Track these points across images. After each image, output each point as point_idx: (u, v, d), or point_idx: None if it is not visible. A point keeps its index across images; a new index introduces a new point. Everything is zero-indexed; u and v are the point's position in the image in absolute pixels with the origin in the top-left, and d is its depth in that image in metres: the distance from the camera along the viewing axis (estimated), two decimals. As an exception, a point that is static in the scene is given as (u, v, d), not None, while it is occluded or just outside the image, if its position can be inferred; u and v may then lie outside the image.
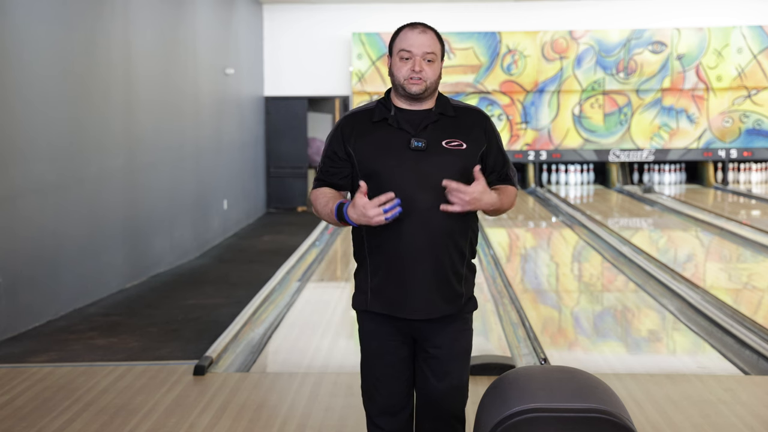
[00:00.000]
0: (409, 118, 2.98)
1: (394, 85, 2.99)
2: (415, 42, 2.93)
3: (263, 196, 14.69)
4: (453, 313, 3.00)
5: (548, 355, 5.54)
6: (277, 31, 15.15)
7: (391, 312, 2.98)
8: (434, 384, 3.02)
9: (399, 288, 2.96)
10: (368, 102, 3.12)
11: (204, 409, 4.56)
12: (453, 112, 3.01)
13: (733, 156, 15.54)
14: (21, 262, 6.43)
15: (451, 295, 2.98)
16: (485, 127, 3.03)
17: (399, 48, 2.95)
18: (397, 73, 2.95)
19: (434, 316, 2.97)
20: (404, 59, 2.94)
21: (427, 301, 2.95)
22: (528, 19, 15.49)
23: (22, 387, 4.94)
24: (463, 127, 2.99)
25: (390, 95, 3.04)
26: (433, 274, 2.94)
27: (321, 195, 3.01)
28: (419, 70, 2.92)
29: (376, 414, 3.08)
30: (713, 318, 6.33)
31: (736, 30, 15.26)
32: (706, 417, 4.36)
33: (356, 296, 3.08)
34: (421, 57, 2.93)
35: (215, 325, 6.47)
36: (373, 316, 3.03)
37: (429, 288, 2.95)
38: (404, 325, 3.01)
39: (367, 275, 3.02)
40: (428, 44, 2.94)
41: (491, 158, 3.03)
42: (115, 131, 8.05)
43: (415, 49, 2.93)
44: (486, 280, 8.01)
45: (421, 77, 2.93)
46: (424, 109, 3.00)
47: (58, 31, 6.97)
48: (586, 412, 2.44)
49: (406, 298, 2.96)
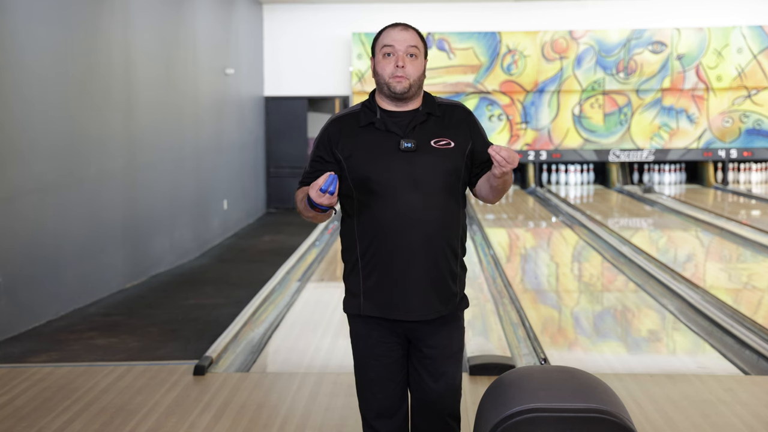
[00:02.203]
0: (396, 120, 2.97)
1: (378, 84, 2.99)
2: (398, 37, 2.95)
3: (263, 196, 14.69)
4: (448, 314, 3.00)
5: (548, 355, 5.54)
6: (277, 31, 15.15)
7: (386, 314, 2.97)
8: (430, 385, 3.02)
9: (394, 290, 2.95)
10: (353, 105, 3.10)
11: (204, 409, 4.57)
12: (439, 111, 3.02)
13: (733, 156, 15.54)
14: (21, 262, 6.43)
15: (447, 295, 2.98)
16: (469, 123, 3.04)
17: (381, 44, 2.96)
18: (381, 71, 2.95)
19: (430, 317, 2.97)
20: (387, 55, 2.94)
21: (424, 301, 2.95)
22: (528, 19, 15.50)
23: (22, 387, 4.94)
24: (449, 126, 3.00)
25: (374, 97, 3.03)
26: (429, 275, 2.94)
27: (301, 192, 3.00)
28: (402, 65, 2.92)
29: (372, 417, 3.07)
30: (713, 318, 6.33)
31: (736, 30, 15.26)
32: (706, 417, 4.36)
33: (347, 300, 3.06)
34: (404, 52, 2.93)
35: (215, 325, 6.47)
36: (366, 319, 3.02)
37: (425, 289, 2.94)
38: (398, 327, 3.00)
39: (359, 278, 3.00)
40: (410, 39, 2.95)
41: (479, 152, 3.03)
42: (115, 131, 8.05)
43: (397, 44, 2.94)
44: (486, 280, 8.01)
45: (404, 74, 2.92)
46: (410, 110, 3.00)
47: (58, 31, 6.97)
48: (586, 412, 2.44)
49: (402, 300, 2.95)
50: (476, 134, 3.03)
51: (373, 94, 3.05)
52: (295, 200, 3.07)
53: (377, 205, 2.93)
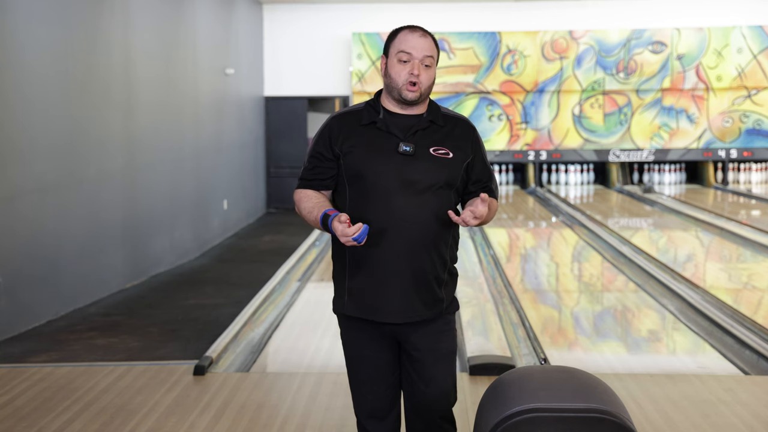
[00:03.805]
0: (399, 122, 2.97)
1: (388, 87, 2.97)
2: (417, 45, 2.92)
3: (263, 196, 14.69)
4: (434, 316, 2.99)
5: (548, 355, 5.54)
6: (277, 31, 15.15)
7: (368, 315, 2.96)
8: (422, 389, 3.01)
9: (377, 291, 2.94)
10: (356, 104, 3.10)
11: (204, 409, 4.57)
12: (443, 121, 3.01)
13: (733, 156, 15.54)
14: (21, 262, 6.43)
15: (431, 300, 2.97)
16: (472, 139, 3.03)
17: (398, 49, 2.93)
18: (396, 76, 2.93)
19: (413, 320, 2.95)
20: (403, 62, 2.92)
21: (406, 304, 2.93)
22: (528, 19, 15.50)
23: (22, 387, 4.94)
24: (451, 137, 2.99)
25: (380, 97, 3.02)
26: (413, 279, 2.93)
27: (306, 198, 2.99)
28: (417, 73, 2.91)
29: (365, 417, 3.08)
30: (713, 318, 6.33)
31: (736, 30, 15.26)
32: (706, 417, 4.36)
33: (335, 299, 3.06)
34: (420, 60, 2.92)
35: (215, 325, 6.47)
36: (353, 320, 3.02)
37: (408, 292, 2.93)
38: (384, 328, 2.99)
39: (345, 278, 2.99)
40: (428, 48, 2.94)
41: (476, 170, 3.03)
42: (115, 131, 8.06)
43: (415, 51, 2.92)
44: (486, 280, 8.01)
45: (417, 82, 2.91)
46: (414, 114, 2.99)
47: (58, 31, 6.97)
48: (586, 412, 2.44)
49: (383, 302, 2.93)
50: (477, 151, 3.03)
51: (379, 93, 3.04)
52: (294, 200, 3.06)
53: (369, 204, 2.92)
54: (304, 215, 2.98)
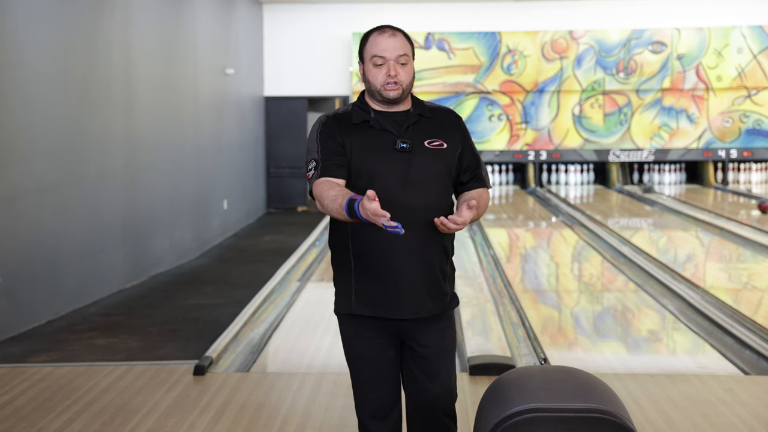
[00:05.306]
0: (389, 119, 2.98)
1: (369, 90, 2.99)
2: (388, 46, 2.93)
3: (263, 196, 14.69)
4: (440, 312, 3.01)
5: (548, 355, 5.54)
6: (277, 32, 15.15)
7: (379, 313, 2.96)
8: (426, 385, 3.02)
9: (387, 288, 2.94)
10: (339, 107, 3.10)
11: (204, 409, 4.57)
12: (430, 113, 3.03)
13: (733, 156, 15.54)
14: (21, 262, 6.43)
15: (438, 294, 2.99)
16: (460, 128, 3.07)
17: (371, 54, 2.95)
18: (373, 80, 2.95)
19: (423, 316, 2.97)
20: (378, 65, 2.94)
21: (417, 300, 2.95)
22: (528, 19, 15.50)
23: (22, 387, 4.94)
24: (441, 128, 3.02)
25: (365, 98, 3.04)
26: (422, 274, 2.94)
27: (329, 186, 2.88)
28: (395, 74, 2.93)
29: (367, 418, 3.07)
30: (713, 318, 6.33)
31: (736, 30, 15.26)
32: (706, 417, 4.36)
33: (338, 300, 3.04)
34: (395, 61, 2.94)
35: (215, 325, 6.47)
36: (357, 319, 3.01)
37: (418, 287, 2.94)
38: (390, 326, 2.99)
39: (350, 277, 2.99)
40: (400, 47, 2.95)
41: (466, 158, 3.06)
42: (115, 131, 8.06)
43: (388, 53, 2.93)
44: (486, 280, 8.01)
45: (397, 81, 2.93)
46: (402, 111, 3.01)
47: (58, 31, 6.97)
48: (586, 412, 2.44)
49: (395, 299, 2.94)
50: (465, 139, 3.06)
51: (363, 94, 3.05)
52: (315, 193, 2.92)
53: None
54: (326, 204, 2.85)
